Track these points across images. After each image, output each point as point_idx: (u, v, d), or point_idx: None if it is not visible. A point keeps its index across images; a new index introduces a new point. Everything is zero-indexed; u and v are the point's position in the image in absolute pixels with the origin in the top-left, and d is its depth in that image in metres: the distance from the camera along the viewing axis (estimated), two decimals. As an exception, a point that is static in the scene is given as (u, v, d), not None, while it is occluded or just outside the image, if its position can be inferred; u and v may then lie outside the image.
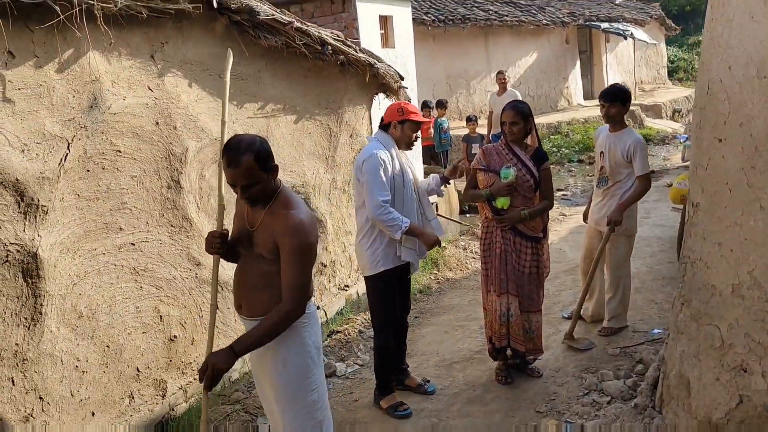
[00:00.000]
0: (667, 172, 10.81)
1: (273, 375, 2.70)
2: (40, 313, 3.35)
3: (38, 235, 3.31)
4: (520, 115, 3.92)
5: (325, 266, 5.43)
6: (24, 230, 3.24)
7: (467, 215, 8.71)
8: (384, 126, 3.85)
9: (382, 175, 3.69)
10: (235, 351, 2.52)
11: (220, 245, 2.79)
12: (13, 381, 3.27)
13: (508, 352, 4.17)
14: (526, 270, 4.00)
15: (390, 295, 3.92)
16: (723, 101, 2.64)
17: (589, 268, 4.76)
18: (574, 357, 4.44)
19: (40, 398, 3.34)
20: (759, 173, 2.49)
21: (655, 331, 4.65)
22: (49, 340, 3.39)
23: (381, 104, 6.01)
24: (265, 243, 2.62)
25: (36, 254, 3.28)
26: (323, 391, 2.79)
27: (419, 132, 3.89)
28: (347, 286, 5.82)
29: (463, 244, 7.19)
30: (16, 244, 3.20)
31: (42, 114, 3.31)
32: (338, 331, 5.13)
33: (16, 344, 3.27)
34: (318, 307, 5.40)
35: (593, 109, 16.33)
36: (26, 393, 3.31)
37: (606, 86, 4.86)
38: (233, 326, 4.53)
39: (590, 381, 4.02)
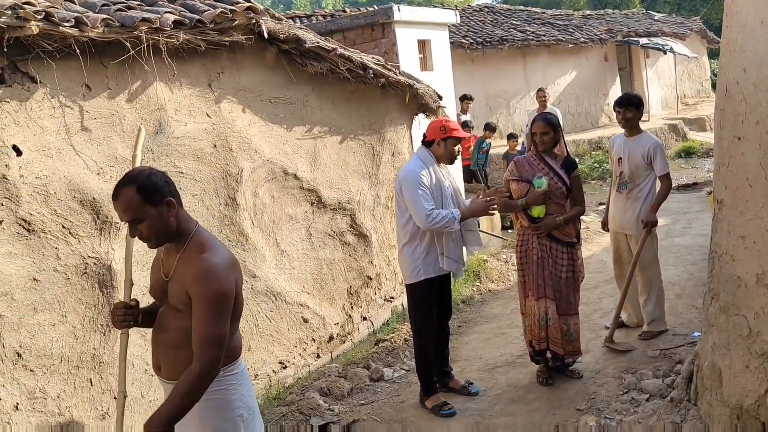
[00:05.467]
0: (711, 183, 10.76)
1: None
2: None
3: (112, 248, 3.66)
4: (550, 125, 4.15)
5: (371, 279, 5.69)
6: (100, 244, 3.60)
7: (509, 230, 8.87)
8: (426, 143, 4.12)
9: (423, 188, 3.94)
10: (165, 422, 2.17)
11: (123, 317, 2.50)
12: (91, 382, 3.60)
13: (548, 355, 4.32)
14: (563, 274, 4.17)
15: (428, 302, 4.14)
16: (740, 102, 2.81)
17: (621, 273, 4.92)
18: (614, 359, 4.56)
19: (114, 398, 3.65)
20: (776, 168, 2.65)
21: (696, 334, 4.72)
22: (122, 345, 3.71)
23: (421, 124, 6.29)
24: (178, 294, 2.31)
25: (110, 266, 3.63)
26: None
27: (460, 147, 4.13)
28: (392, 298, 6.05)
29: (504, 257, 7.36)
30: (93, 257, 3.56)
31: (114, 140, 3.69)
32: (385, 340, 5.35)
33: (94, 348, 3.60)
34: (365, 318, 5.65)
35: (635, 125, 16.28)
36: (102, 393, 3.64)
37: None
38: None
39: (629, 381, 4.14)
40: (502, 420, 3.95)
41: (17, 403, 3.24)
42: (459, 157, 4.38)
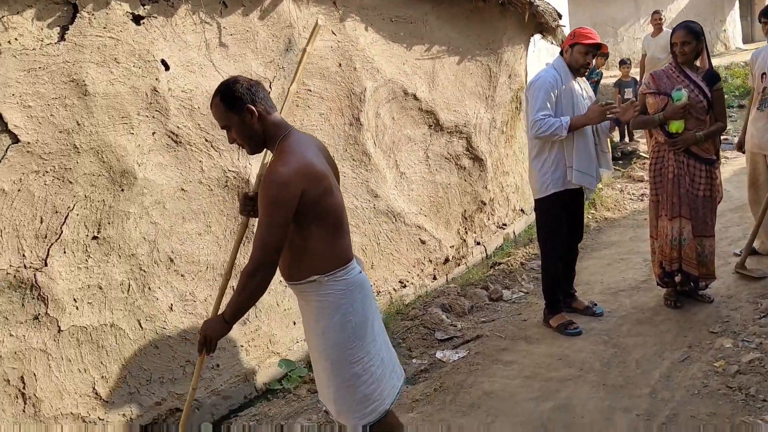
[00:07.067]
0: None
1: (314, 344, 2.53)
2: (252, 232, 3.86)
3: (249, 164, 3.79)
4: (692, 34, 3.88)
5: (484, 204, 5.66)
6: (239, 159, 3.74)
7: (620, 161, 8.56)
8: (561, 52, 4.00)
9: (545, 96, 3.83)
10: (226, 319, 2.44)
11: (243, 206, 2.70)
12: (233, 289, 3.80)
13: (677, 278, 4.19)
14: (700, 193, 3.99)
15: (558, 219, 4.06)
16: None
17: (756, 197, 4.66)
18: (747, 285, 4.38)
19: (255, 306, 3.86)
20: None
21: (838, 262, 4.45)
22: (259, 256, 3.89)
23: (536, 45, 6.08)
24: None
25: (248, 181, 3.77)
26: (372, 363, 2.47)
27: (592, 57, 3.93)
28: (505, 224, 6.01)
29: (619, 186, 7.13)
30: (233, 171, 3.72)
31: (249, 57, 3.77)
32: (500, 263, 5.36)
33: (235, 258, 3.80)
34: (478, 243, 5.66)
35: (755, 52, 15.10)
36: (243, 300, 3.85)
37: None
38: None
39: (766, 305, 3.97)
40: (631, 340, 3.89)
41: (171, 304, 3.49)
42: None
